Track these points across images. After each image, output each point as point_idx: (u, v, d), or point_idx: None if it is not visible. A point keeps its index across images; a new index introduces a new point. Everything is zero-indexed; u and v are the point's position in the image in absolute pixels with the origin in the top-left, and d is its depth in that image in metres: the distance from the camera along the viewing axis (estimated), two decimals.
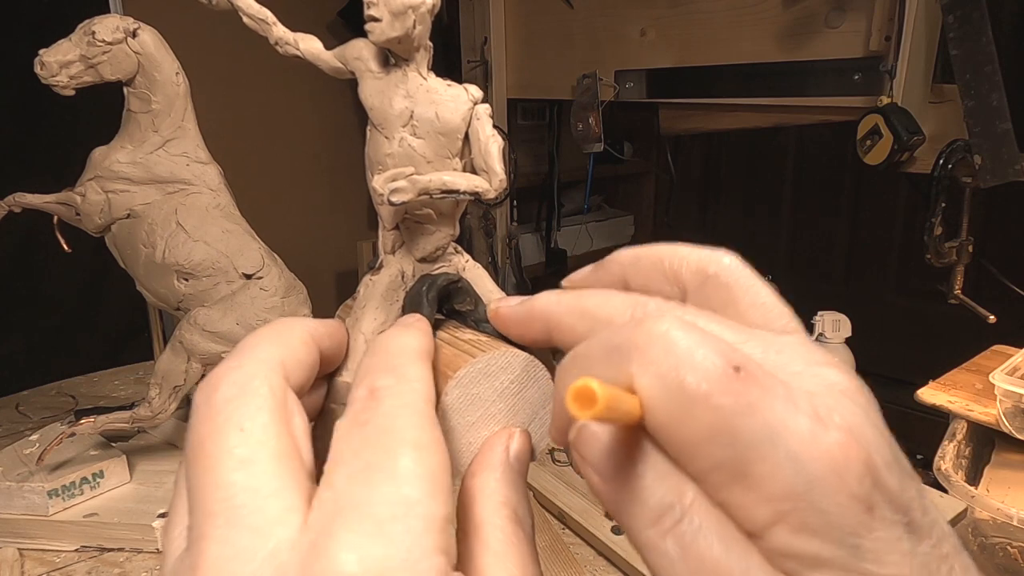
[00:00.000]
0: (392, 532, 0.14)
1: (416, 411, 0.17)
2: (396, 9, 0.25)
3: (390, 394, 0.18)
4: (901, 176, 1.08)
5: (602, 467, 0.17)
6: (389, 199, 0.26)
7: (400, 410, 0.17)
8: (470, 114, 0.28)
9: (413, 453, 0.16)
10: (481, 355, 0.26)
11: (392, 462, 0.16)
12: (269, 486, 0.16)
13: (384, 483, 0.15)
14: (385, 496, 0.15)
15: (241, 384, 0.17)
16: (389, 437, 0.16)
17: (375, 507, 0.15)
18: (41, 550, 0.67)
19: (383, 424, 0.17)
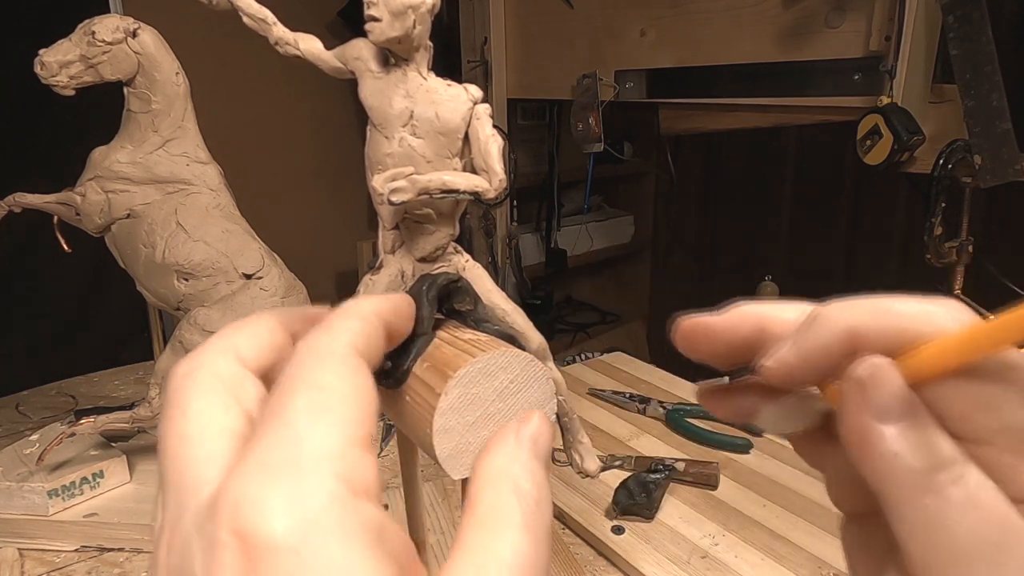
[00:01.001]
0: (278, 473, 0.15)
1: (321, 354, 0.18)
2: (396, 9, 0.25)
3: (305, 344, 0.19)
4: (901, 176, 1.08)
5: (890, 410, 0.18)
6: (389, 199, 0.26)
7: (307, 357, 0.18)
8: (470, 114, 0.28)
9: (309, 394, 0.17)
10: (481, 355, 0.26)
11: (291, 408, 0.16)
12: (205, 454, 0.17)
13: (280, 430, 0.16)
14: (278, 439, 0.16)
15: (187, 373, 0.19)
16: (294, 385, 0.17)
17: (268, 454, 0.15)
18: (41, 550, 0.67)
19: (292, 374, 0.18)
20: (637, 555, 0.64)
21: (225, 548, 0.14)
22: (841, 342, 0.20)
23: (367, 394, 0.18)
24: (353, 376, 0.18)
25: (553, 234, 2.10)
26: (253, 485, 0.15)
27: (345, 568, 0.14)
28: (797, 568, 0.62)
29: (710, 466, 0.76)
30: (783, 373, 0.21)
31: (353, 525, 0.15)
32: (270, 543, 0.14)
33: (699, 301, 1.07)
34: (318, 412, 0.16)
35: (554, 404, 0.29)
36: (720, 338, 0.23)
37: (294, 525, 0.14)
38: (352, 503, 0.15)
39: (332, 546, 0.14)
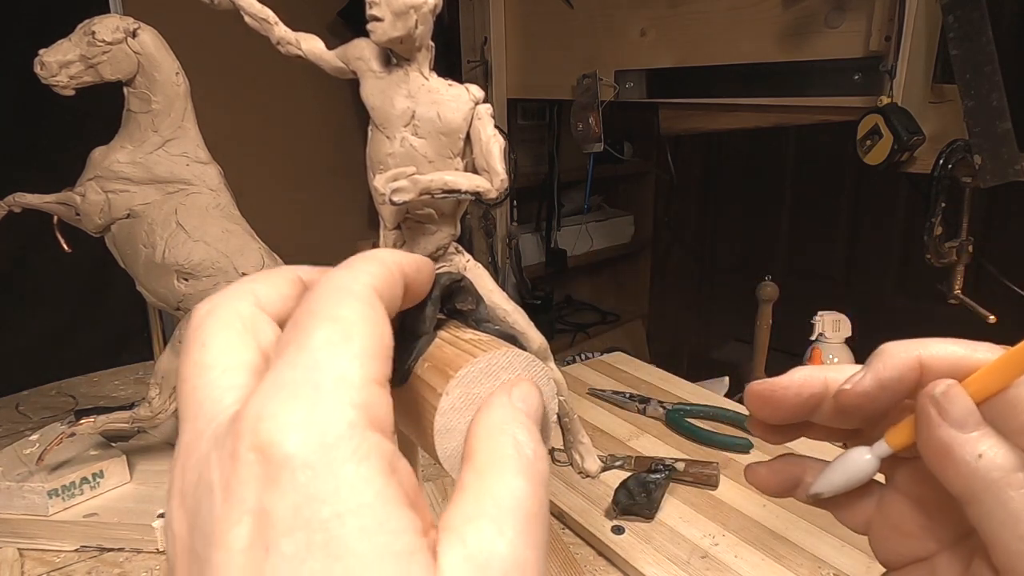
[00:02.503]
0: (298, 394, 0.15)
1: (342, 290, 0.18)
2: (398, 9, 0.25)
3: (327, 281, 0.19)
4: (901, 176, 1.08)
5: (967, 420, 0.21)
6: (391, 199, 0.26)
7: (328, 292, 0.18)
8: (471, 114, 0.28)
9: (329, 326, 0.17)
10: (482, 354, 0.26)
11: (309, 337, 0.17)
12: (225, 384, 0.17)
13: (299, 354, 0.16)
14: (297, 363, 0.16)
15: (208, 311, 0.19)
16: (312, 318, 0.17)
17: (288, 374, 0.16)
18: (41, 550, 0.67)
19: (311, 308, 0.18)
20: (637, 555, 0.64)
21: (244, 462, 0.15)
22: (912, 370, 0.23)
23: (384, 334, 0.18)
24: (372, 314, 0.18)
25: (553, 234, 2.10)
26: (274, 403, 0.15)
27: (359, 488, 0.15)
28: (797, 568, 0.62)
29: (710, 466, 0.76)
30: (860, 398, 0.23)
31: (368, 451, 0.15)
32: (288, 458, 0.15)
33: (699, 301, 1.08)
34: (338, 342, 0.17)
35: (555, 404, 0.29)
36: (789, 399, 0.25)
37: (312, 443, 0.15)
38: (370, 435, 0.16)
39: (348, 467, 0.15)
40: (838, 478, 0.26)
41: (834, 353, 1.12)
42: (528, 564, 0.16)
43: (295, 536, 0.14)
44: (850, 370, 0.25)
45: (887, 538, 0.26)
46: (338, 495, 0.15)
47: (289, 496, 0.14)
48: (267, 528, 0.14)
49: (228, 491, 0.15)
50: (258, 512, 0.15)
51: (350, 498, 0.15)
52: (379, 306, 0.19)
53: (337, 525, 0.14)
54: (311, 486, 0.14)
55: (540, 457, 0.19)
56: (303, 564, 0.14)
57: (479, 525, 0.16)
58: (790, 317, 1.18)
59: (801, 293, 1.41)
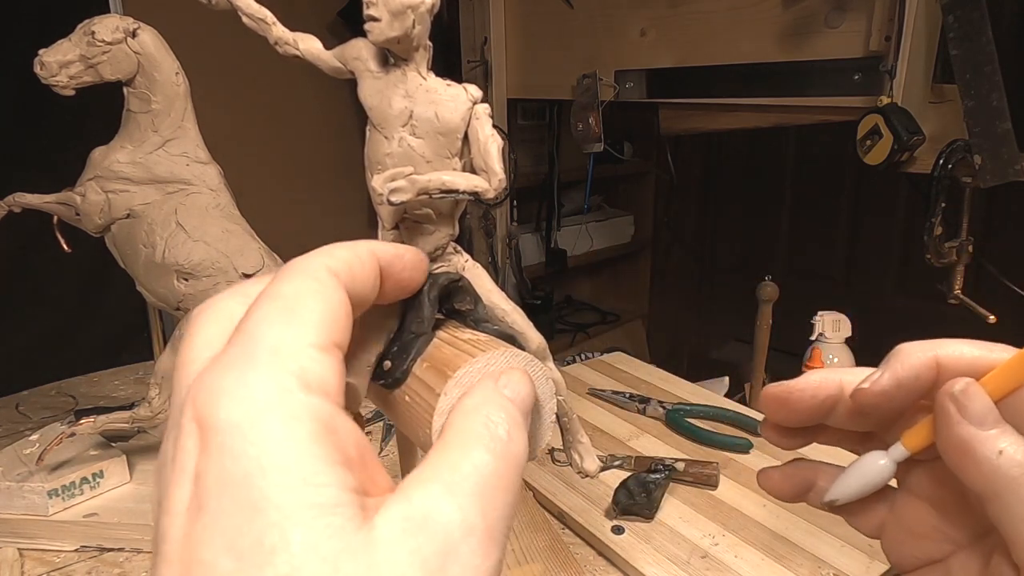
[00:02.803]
0: (233, 363, 0.16)
1: (292, 271, 0.19)
2: (395, 9, 0.25)
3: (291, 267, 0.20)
4: (901, 176, 1.08)
5: (986, 417, 0.22)
6: (388, 199, 0.26)
7: (280, 275, 0.19)
8: (469, 114, 0.28)
9: (270, 303, 0.18)
10: (481, 354, 0.26)
11: (250, 316, 0.18)
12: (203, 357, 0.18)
13: (240, 333, 0.17)
14: (238, 340, 0.17)
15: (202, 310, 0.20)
16: (257, 300, 0.18)
17: (231, 350, 0.17)
18: (41, 550, 0.67)
19: (264, 292, 0.19)
20: (637, 555, 0.64)
21: (186, 432, 0.16)
22: (930, 368, 0.23)
23: (335, 304, 0.19)
24: (322, 288, 0.19)
25: (553, 234, 2.10)
26: (211, 376, 0.16)
27: (284, 446, 0.15)
28: (797, 568, 0.62)
29: (710, 466, 0.76)
30: (878, 397, 0.24)
31: (298, 413, 0.16)
32: (219, 424, 0.15)
33: (699, 301, 1.09)
34: (276, 316, 0.17)
35: (554, 404, 0.29)
36: (805, 401, 0.25)
37: (242, 409, 0.16)
38: (302, 397, 0.16)
39: (274, 428, 0.15)
40: (854, 483, 0.26)
41: (834, 353, 1.12)
42: (477, 531, 0.16)
43: (223, 494, 0.15)
44: (864, 372, 0.25)
45: (901, 541, 0.26)
46: (263, 453, 0.15)
47: (219, 458, 0.15)
48: (201, 490, 0.15)
49: (174, 461, 0.16)
50: (195, 476, 0.15)
51: (275, 455, 0.15)
52: (331, 281, 0.19)
53: (260, 480, 0.15)
54: (238, 447, 0.15)
55: (515, 440, 0.19)
56: (229, 519, 0.15)
57: (428, 488, 0.16)
58: (790, 317, 1.18)
59: (801, 293, 1.41)
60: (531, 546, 0.65)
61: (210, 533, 0.15)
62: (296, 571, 0.14)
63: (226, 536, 0.14)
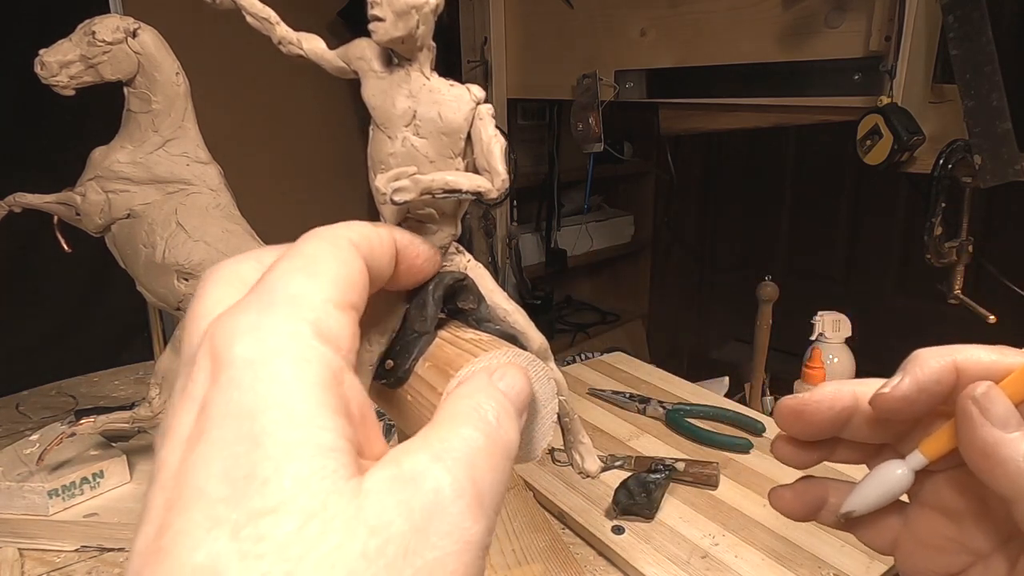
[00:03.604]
0: (252, 307, 0.17)
1: (314, 236, 0.20)
2: (400, 9, 0.25)
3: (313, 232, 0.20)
4: (901, 176, 1.08)
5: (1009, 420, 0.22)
6: (392, 198, 0.26)
7: (302, 239, 0.20)
8: (473, 114, 0.28)
9: (292, 259, 0.18)
10: (483, 354, 0.26)
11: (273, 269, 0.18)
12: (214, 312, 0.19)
13: (261, 283, 0.18)
14: (259, 288, 0.18)
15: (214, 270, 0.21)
16: (283, 257, 0.19)
17: (251, 296, 0.17)
18: (41, 550, 0.67)
19: (295, 250, 0.19)
20: (637, 555, 0.64)
21: (199, 367, 0.16)
22: (949, 373, 0.23)
23: (354, 269, 0.19)
24: (340, 252, 0.19)
25: (553, 234, 2.10)
26: (230, 317, 0.17)
27: (291, 386, 0.16)
28: (797, 568, 0.62)
29: (710, 466, 0.76)
30: (898, 402, 0.24)
31: (310, 360, 0.16)
32: (233, 359, 0.16)
33: (699, 301, 1.09)
34: (298, 270, 0.18)
35: (555, 404, 0.29)
36: (822, 412, 0.25)
37: (255, 347, 0.16)
38: (315, 345, 0.17)
39: (285, 367, 0.16)
40: (872, 494, 0.25)
41: (834, 353, 1.12)
42: (466, 495, 0.16)
43: (225, 424, 0.15)
44: (876, 382, 0.25)
45: (917, 555, 0.26)
46: (270, 389, 0.15)
47: (227, 390, 0.15)
48: (204, 419, 0.15)
49: (184, 391, 0.16)
50: (201, 406, 0.16)
51: (281, 393, 0.15)
52: (351, 249, 0.20)
53: (263, 415, 0.15)
54: (247, 381, 0.15)
55: (504, 426, 0.19)
56: (227, 447, 0.15)
57: (417, 455, 0.17)
58: (790, 317, 1.18)
59: (801, 293, 1.41)
60: (531, 546, 0.65)
61: (205, 460, 0.15)
62: (284, 504, 0.14)
63: (222, 464, 0.15)
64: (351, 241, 0.20)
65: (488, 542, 0.16)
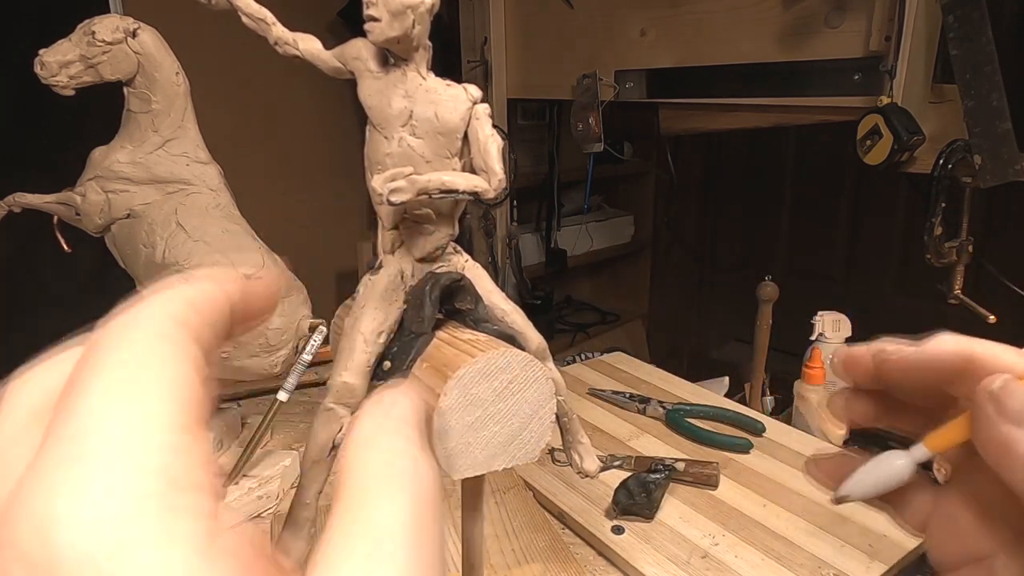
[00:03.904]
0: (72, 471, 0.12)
1: (125, 328, 0.15)
2: (395, 9, 0.25)
3: (110, 320, 0.15)
4: (901, 176, 1.08)
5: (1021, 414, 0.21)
6: (388, 199, 0.26)
7: (109, 334, 0.15)
8: (469, 114, 0.28)
9: (106, 374, 0.14)
10: (480, 355, 0.26)
11: (82, 393, 0.14)
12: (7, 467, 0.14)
13: (70, 418, 0.13)
14: (69, 431, 0.13)
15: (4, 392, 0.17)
16: (84, 368, 0.14)
17: (58, 449, 0.13)
18: None
19: (84, 357, 0.15)
20: (637, 555, 0.64)
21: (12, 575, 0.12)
22: (960, 358, 0.23)
23: (189, 366, 0.15)
24: (170, 348, 0.15)
25: (553, 234, 2.10)
26: (38, 496, 0.12)
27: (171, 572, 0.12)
28: (797, 568, 0.62)
29: (710, 466, 0.76)
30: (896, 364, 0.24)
31: (175, 524, 0.12)
32: (63, 563, 0.12)
33: (699, 301, 1.09)
34: (119, 394, 0.13)
35: (553, 404, 0.29)
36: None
37: (93, 535, 0.12)
38: (171, 498, 0.13)
39: (147, 554, 0.12)
40: (869, 481, 0.26)
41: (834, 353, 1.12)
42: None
43: None
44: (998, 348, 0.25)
45: (945, 537, 0.26)
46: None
47: None
48: None
49: None
50: None
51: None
52: (179, 336, 0.15)
53: None
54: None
55: (422, 463, 0.16)
56: None
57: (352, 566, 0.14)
58: (790, 317, 1.18)
59: (801, 293, 1.41)
60: (531, 546, 0.65)
61: None
62: None
63: None
64: (176, 321, 0.15)
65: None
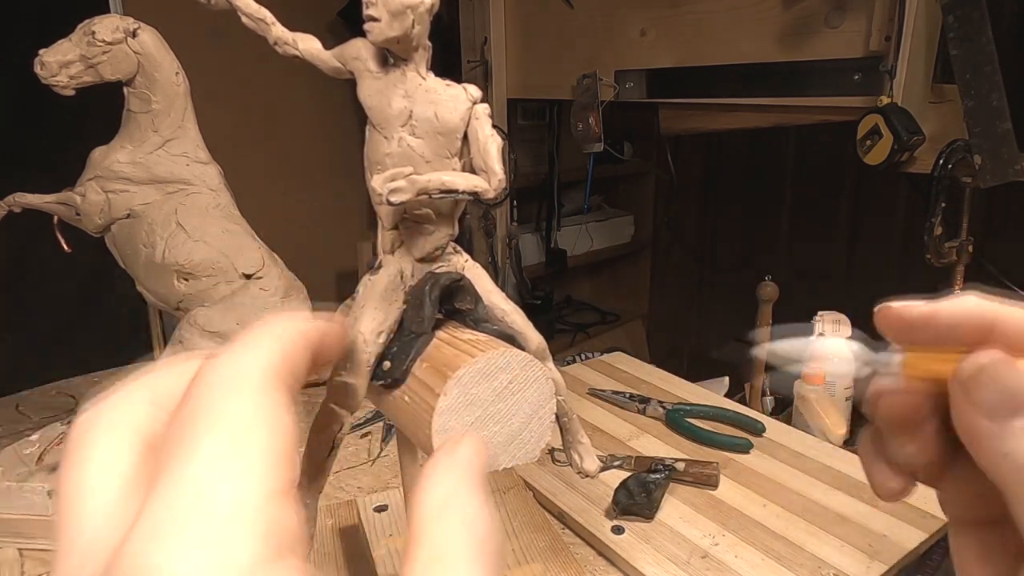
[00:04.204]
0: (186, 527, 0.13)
1: (230, 381, 0.15)
2: (395, 9, 0.25)
3: (209, 367, 0.16)
4: (901, 176, 1.08)
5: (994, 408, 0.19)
6: (388, 199, 0.26)
7: (213, 384, 0.15)
8: (469, 114, 0.28)
9: (216, 431, 0.14)
10: (480, 355, 0.26)
11: (192, 448, 0.14)
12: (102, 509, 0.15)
13: (182, 472, 0.14)
14: (182, 486, 0.14)
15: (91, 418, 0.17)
16: (193, 420, 0.15)
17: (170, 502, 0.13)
18: (41, 550, 0.67)
19: (191, 407, 0.15)
20: (637, 555, 0.64)
21: None
22: (978, 321, 0.20)
23: (287, 432, 0.15)
24: (270, 406, 0.15)
25: (553, 234, 2.10)
26: (154, 550, 0.13)
27: None
28: (797, 568, 0.62)
29: (710, 466, 0.76)
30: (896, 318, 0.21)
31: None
32: None
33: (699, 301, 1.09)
34: (228, 454, 0.14)
35: (553, 404, 0.29)
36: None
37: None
38: (278, 564, 0.13)
39: None
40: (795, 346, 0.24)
41: None
42: None
43: None
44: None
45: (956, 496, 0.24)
46: None
47: None
48: None
49: None
50: None
51: None
52: (278, 394, 0.16)
53: None
54: None
55: (493, 532, 0.17)
56: None
57: None
58: (790, 317, 1.18)
59: (801, 293, 1.40)
60: (531, 546, 0.65)
61: None
62: None
63: None
64: (277, 376, 0.16)
65: None
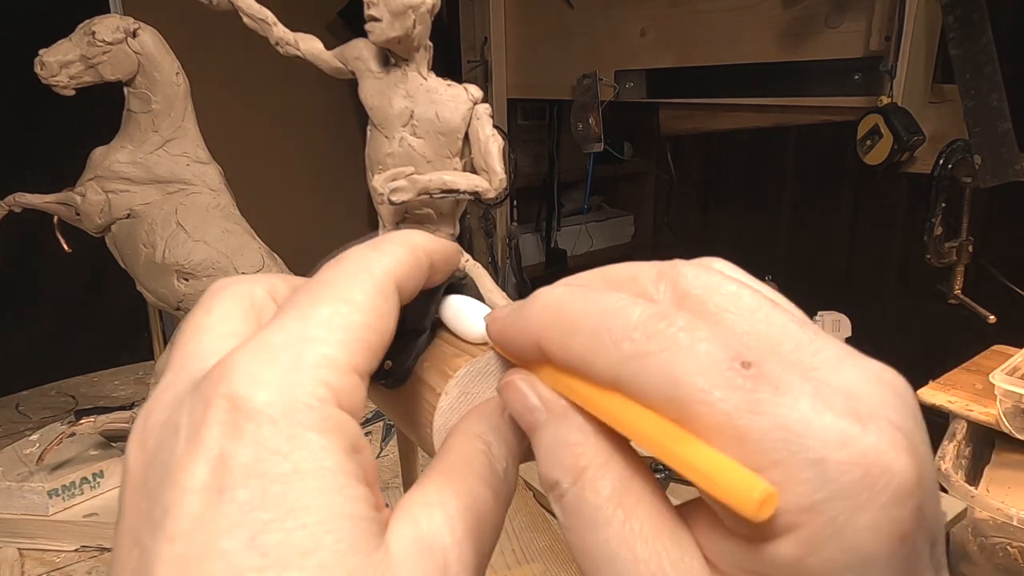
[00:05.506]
0: (279, 357, 0.16)
1: (362, 271, 0.18)
2: (396, 9, 0.25)
3: (351, 256, 0.19)
4: (901, 176, 1.08)
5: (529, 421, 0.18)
6: (389, 198, 0.26)
7: (348, 268, 0.18)
8: (470, 114, 0.28)
9: (335, 305, 0.17)
10: (482, 354, 0.26)
11: (313, 308, 0.17)
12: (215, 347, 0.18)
13: (295, 321, 0.17)
14: (290, 330, 0.16)
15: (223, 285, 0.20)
16: (323, 289, 0.17)
17: (277, 337, 0.16)
18: (41, 550, 0.67)
19: (327, 278, 0.18)
20: None
21: (214, 408, 0.15)
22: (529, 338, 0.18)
23: (387, 329, 0.18)
24: (382, 304, 0.18)
25: (553, 234, 2.10)
26: (253, 360, 0.16)
27: (320, 455, 0.15)
28: None
29: None
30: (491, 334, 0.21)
31: (334, 426, 0.16)
32: (256, 411, 0.15)
33: None
34: (336, 324, 0.17)
35: None
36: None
37: (280, 402, 0.15)
38: (336, 410, 0.16)
39: (311, 434, 0.15)
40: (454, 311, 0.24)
41: None
42: (469, 567, 0.17)
43: (250, 484, 0.15)
44: None
45: None
46: (300, 455, 0.15)
47: (250, 447, 0.15)
48: (224, 473, 0.15)
49: (193, 433, 0.15)
50: (219, 457, 0.15)
51: (311, 460, 0.15)
52: (393, 297, 0.18)
53: (296, 481, 0.15)
54: (273, 441, 0.15)
55: (510, 478, 0.19)
56: (254, 512, 0.14)
57: (433, 512, 0.17)
58: None
59: (801, 293, 1.40)
60: (531, 546, 0.65)
61: (231, 521, 0.14)
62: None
63: (250, 529, 0.14)
64: (396, 282, 0.19)
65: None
